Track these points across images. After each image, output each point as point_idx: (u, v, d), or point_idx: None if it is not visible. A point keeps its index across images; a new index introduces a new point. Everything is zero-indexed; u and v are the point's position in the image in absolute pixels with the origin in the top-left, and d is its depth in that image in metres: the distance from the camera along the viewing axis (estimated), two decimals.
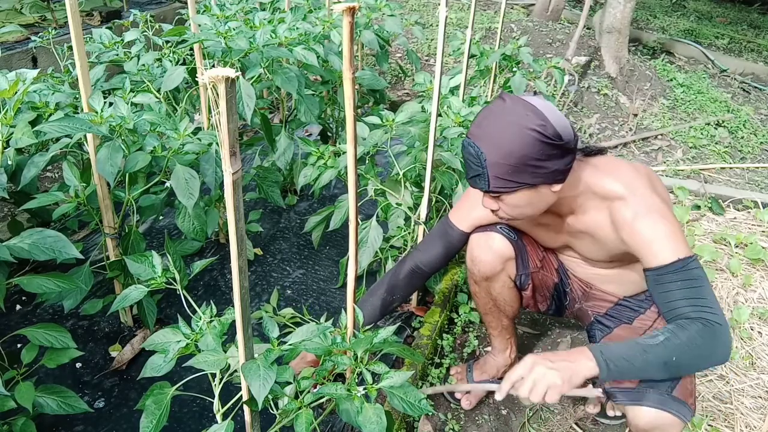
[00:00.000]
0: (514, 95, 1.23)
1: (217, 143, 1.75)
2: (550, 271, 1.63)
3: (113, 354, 1.80)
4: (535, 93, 1.27)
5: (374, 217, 1.83)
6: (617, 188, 1.28)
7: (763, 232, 2.64)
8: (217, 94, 0.73)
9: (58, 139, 1.69)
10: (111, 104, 1.58)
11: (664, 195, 1.31)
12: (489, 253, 1.53)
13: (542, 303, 1.68)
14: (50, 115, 1.69)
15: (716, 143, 3.75)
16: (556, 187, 1.25)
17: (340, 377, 1.28)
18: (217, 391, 1.12)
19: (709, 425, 1.70)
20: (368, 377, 1.14)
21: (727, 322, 1.16)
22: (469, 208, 1.55)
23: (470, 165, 1.24)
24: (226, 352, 1.09)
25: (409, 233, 1.97)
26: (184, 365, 1.07)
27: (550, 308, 1.69)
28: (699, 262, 1.21)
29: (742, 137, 3.82)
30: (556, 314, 1.71)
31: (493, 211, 1.33)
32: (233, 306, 0.96)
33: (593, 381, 1.25)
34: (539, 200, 1.27)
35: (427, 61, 4.76)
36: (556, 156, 1.19)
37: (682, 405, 1.24)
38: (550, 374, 1.14)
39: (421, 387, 1.78)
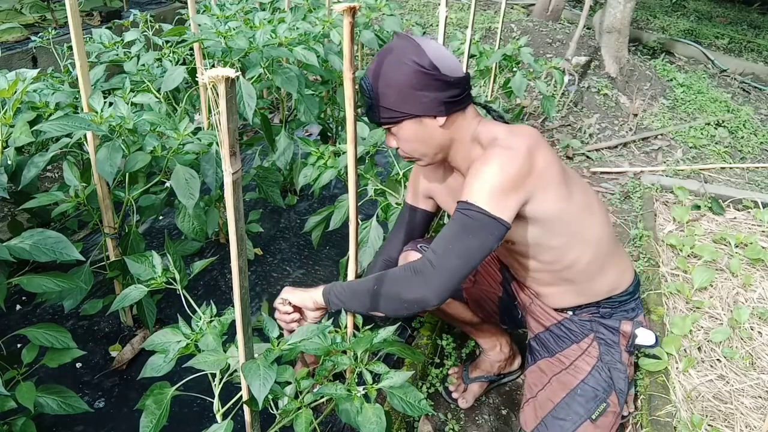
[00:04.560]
0: (403, 34, 1.31)
1: (217, 143, 1.75)
2: (489, 285, 1.65)
3: (113, 354, 1.80)
4: (423, 33, 1.32)
5: (374, 217, 1.83)
6: (498, 135, 1.29)
7: (763, 232, 2.64)
8: (217, 94, 0.73)
9: (58, 139, 1.69)
10: (111, 104, 1.58)
11: (537, 159, 1.25)
12: None
13: (492, 316, 1.70)
14: (50, 115, 1.69)
15: (716, 143, 3.75)
16: (440, 120, 1.28)
17: (339, 377, 1.28)
18: (217, 391, 1.12)
19: (709, 425, 1.70)
20: (368, 377, 1.14)
21: (448, 268, 1.18)
22: (414, 182, 1.58)
23: (365, 100, 1.32)
24: (226, 352, 1.09)
25: None
26: (184, 365, 1.07)
27: (504, 321, 1.71)
28: (488, 221, 1.18)
29: (742, 137, 3.82)
30: (514, 327, 1.73)
31: (397, 150, 1.38)
32: (233, 306, 0.96)
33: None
34: (427, 134, 1.30)
35: None
36: (433, 86, 1.24)
37: None
38: (287, 296, 1.36)
39: (421, 387, 1.78)
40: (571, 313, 1.50)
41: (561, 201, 1.28)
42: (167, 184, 1.74)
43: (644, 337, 1.48)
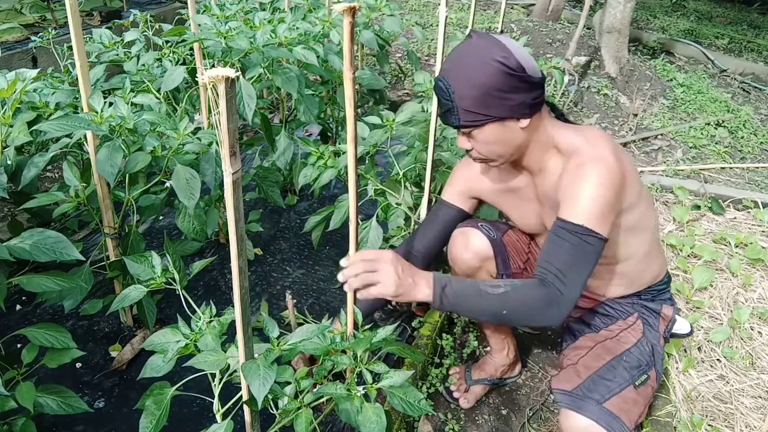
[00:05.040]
0: (481, 32, 1.26)
1: (217, 143, 1.75)
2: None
3: (113, 354, 1.80)
4: (501, 32, 1.29)
5: (374, 217, 1.83)
6: (578, 142, 1.28)
7: (763, 232, 2.64)
8: (217, 94, 0.73)
9: (58, 139, 1.69)
10: (111, 104, 1.58)
11: (624, 165, 1.27)
12: (466, 251, 1.55)
13: None
14: (50, 115, 1.69)
15: (716, 143, 3.75)
16: (524, 123, 1.26)
17: (339, 377, 1.28)
18: (216, 391, 1.12)
19: (709, 425, 1.70)
20: (368, 377, 1.14)
21: (572, 301, 1.20)
22: (458, 181, 1.56)
23: (441, 101, 1.26)
24: (225, 352, 1.09)
25: (409, 233, 1.96)
26: (183, 365, 1.07)
27: None
28: (600, 244, 1.20)
29: (742, 137, 3.82)
30: None
31: (467, 151, 1.35)
32: (233, 306, 0.96)
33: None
34: (508, 137, 1.27)
35: (426, 61, 4.76)
36: (520, 88, 1.21)
37: (614, 419, 1.24)
38: (390, 282, 1.16)
39: (421, 387, 1.78)
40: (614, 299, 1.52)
41: (637, 199, 1.31)
42: (167, 184, 1.74)
43: (681, 324, 1.52)
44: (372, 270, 1.17)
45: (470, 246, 1.55)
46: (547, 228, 1.47)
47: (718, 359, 1.93)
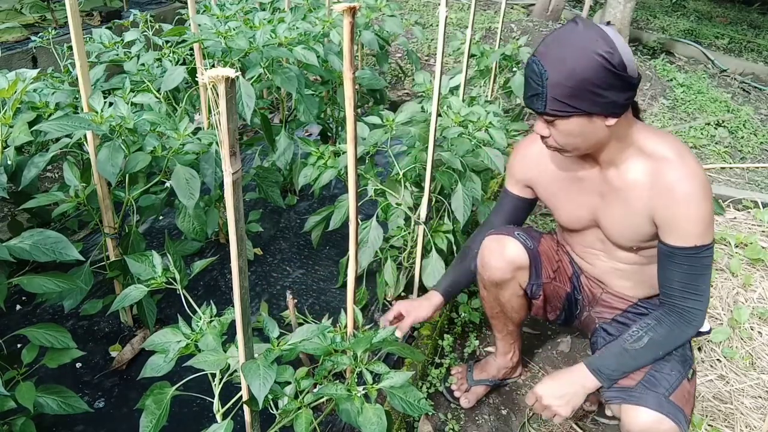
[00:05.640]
0: (587, 20, 1.21)
1: (217, 143, 1.75)
2: (563, 282, 1.61)
3: (113, 354, 1.80)
4: (608, 23, 1.24)
5: (374, 217, 1.83)
6: (666, 151, 1.26)
7: (763, 232, 2.64)
8: (217, 94, 0.73)
9: (58, 139, 1.69)
10: (111, 104, 1.58)
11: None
12: (500, 259, 1.51)
13: (552, 313, 1.66)
14: (50, 115, 1.69)
15: (716, 143, 3.75)
16: (611, 121, 1.22)
17: (339, 377, 1.28)
18: (217, 391, 1.12)
19: (709, 425, 1.70)
20: (368, 377, 1.14)
21: (706, 306, 1.29)
22: (515, 171, 1.55)
23: (530, 83, 1.22)
24: (226, 352, 1.09)
25: (409, 233, 1.96)
26: (184, 365, 1.07)
27: (559, 318, 1.67)
28: (712, 250, 1.26)
29: (742, 137, 3.83)
30: (564, 324, 1.70)
31: (542, 138, 1.31)
32: (233, 306, 0.96)
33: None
34: (591, 132, 1.24)
35: (427, 61, 4.76)
36: (617, 87, 1.17)
37: (679, 411, 1.24)
38: (562, 406, 1.34)
39: (421, 387, 1.78)
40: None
41: None
42: (167, 184, 1.74)
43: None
44: (544, 408, 1.36)
45: (506, 255, 1.50)
46: (597, 224, 1.44)
47: (718, 359, 1.93)
